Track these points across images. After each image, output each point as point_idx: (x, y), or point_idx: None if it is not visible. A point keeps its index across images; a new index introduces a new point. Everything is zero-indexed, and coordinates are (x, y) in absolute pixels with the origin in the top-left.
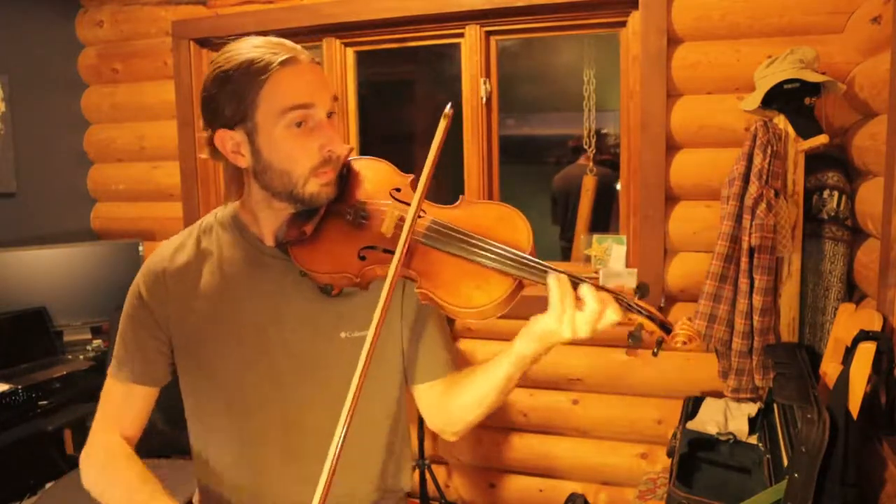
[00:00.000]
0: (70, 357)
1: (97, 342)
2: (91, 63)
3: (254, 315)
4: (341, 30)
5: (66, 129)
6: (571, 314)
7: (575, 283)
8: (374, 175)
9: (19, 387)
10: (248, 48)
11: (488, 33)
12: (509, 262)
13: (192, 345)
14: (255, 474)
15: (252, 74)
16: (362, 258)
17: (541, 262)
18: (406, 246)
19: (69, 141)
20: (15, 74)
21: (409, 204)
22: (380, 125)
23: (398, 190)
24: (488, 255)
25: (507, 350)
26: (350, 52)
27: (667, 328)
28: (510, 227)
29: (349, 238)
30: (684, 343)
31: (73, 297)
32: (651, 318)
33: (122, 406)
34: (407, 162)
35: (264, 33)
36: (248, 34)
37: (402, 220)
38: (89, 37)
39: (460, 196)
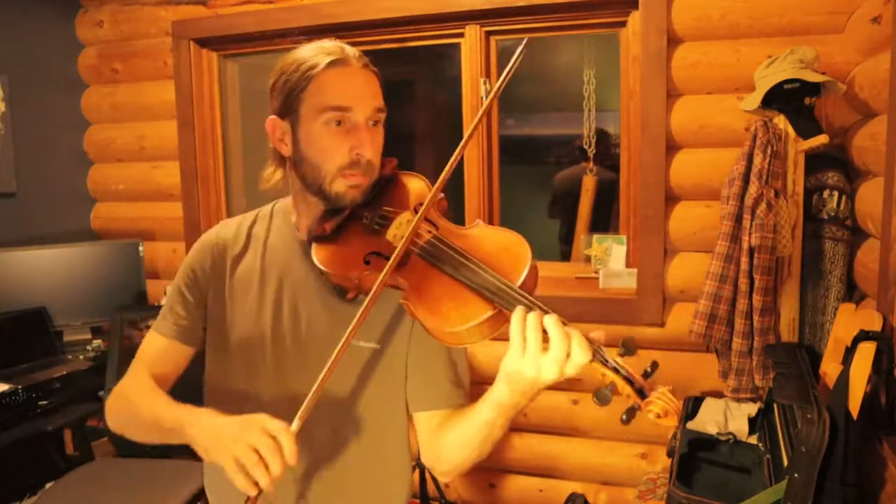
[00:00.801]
0: (70, 357)
1: (97, 342)
2: (91, 63)
3: (274, 305)
4: (341, 30)
5: (66, 129)
6: (533, 352)
7: (544, 315)
8: (407, 188)
9: (19, 387)
10: (310, 48)
11: (488, 33)
12: (495, 290)
13: (221, 322)
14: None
15: (302, 71)
16: (367, 262)
17: (522, 293)
18: (400, 254)
19: (69, 141)
20: (15, 74)
21: (428, 220)
22: None
23: (422, 205)
24: (473, 277)
25: (486, 394)
26: None
27: (643, 394)
28: (510, 256)
29: (361, 242)
30: (658, 416)
31: (73, 297)
32: (628, 380)
33: (159, 357)
34: (407, 162)
35: (264, 33)
36: (248, 34)
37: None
38: (89, 37)
39: (477, 220)
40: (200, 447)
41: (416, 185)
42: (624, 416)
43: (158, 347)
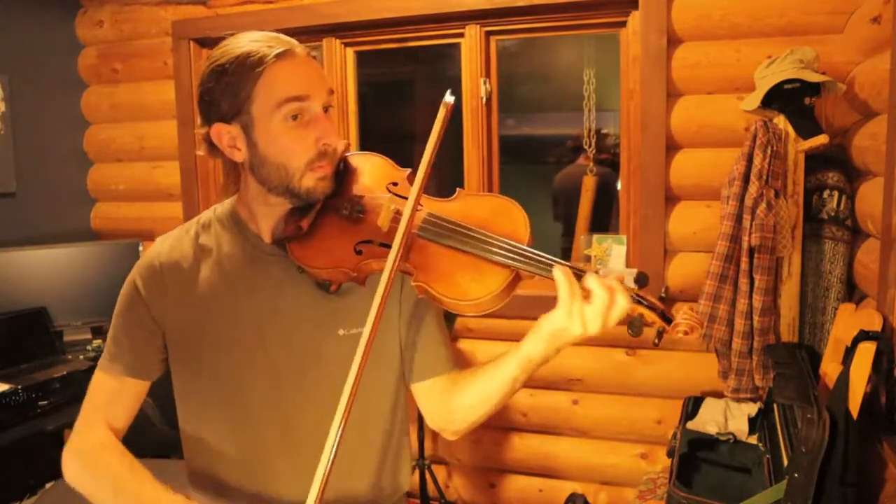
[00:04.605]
0: (70, 357)
1: (97, 342)
2: (91, 63)
3: (252, 312)
4: (341, 30)
5: (66, 129)
6: (580, 307)
7: (578, 274)
8: (371, 169)
9: (19, 387)
10: (245, 42)
11: (488, 33)
12: (507, 254)
13: (189, 340)
14: (252, 466)
15: (247, 68)
16: (359, 252)
17: (540, 253)
18: (404, 239)
19: (69, 141)
20: (15, 74)
21: (405, 198)
22: (380, 125)
23: (395, 184)
24: (485, 246)
25: (513, 351)
26: (350, 52)
27: (667, 318)
28: (507, 219)
29: (345, 233)
30: (685, 333)
31: (73, 297)
32: (651, 307)
33: (113, 399)
34: (407, 162)
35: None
36: None
37: (398, 213)
38: (89, 37)
39: (457, 189)
40: None
41: (374, 162)
42: (656, 340)
43: (112, 389)
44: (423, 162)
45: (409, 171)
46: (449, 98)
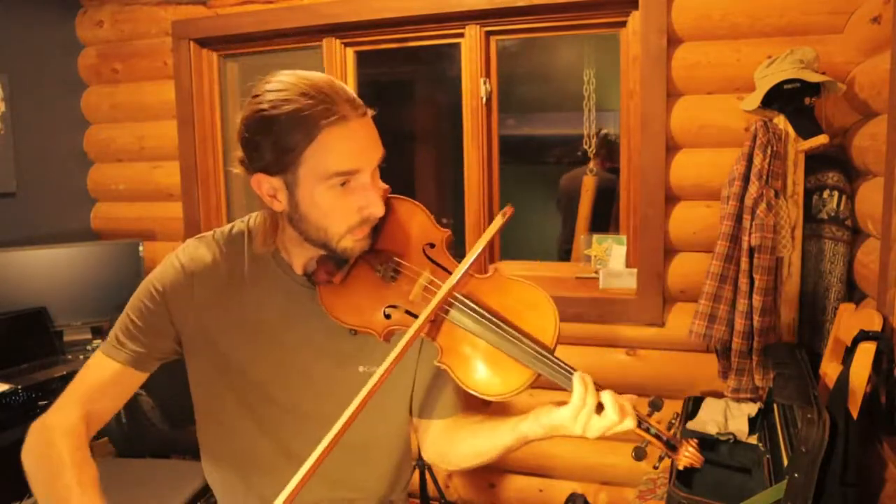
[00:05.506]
0: (70, 357)
1: (97, 342)
2: (91, 63)
3: (277, 337)
4: (341, 30)
5: (66, 129)
6: (588, 417)
7: (597, 386)
8: (410, 225)
9: (19, 387)
10: (295, 94)
11: (488, 33)
12: (532, 358)
13: (209, 352)
14: (253, 469)
15: (299, 129)
16: (387, 316)
17: (564, 363)
18: (428, 320)
19: (69, 141)
20: (15, 74)
21: (440, 266)
22: (380, 125)
23: (432, 246)
24: (513, 346)
25: (511, 426)
26: (350, 52)
27: (673, 447)
28: (538, 317)
29: (376, 292)
30: (685, 466)
31: (73, 297)
32: (658, 437)
33: (108, 385)
34: (407, 162)
35: (264, 33)
36: (248, 34)
37: (427, 290)
38: (89, 37)
39: (493, 266)
40: None
41: (413, 216)
42: (657, 465)
43: (109, 374)
44: (465, 259)
45: (447, 232)
46: (508, 210)
